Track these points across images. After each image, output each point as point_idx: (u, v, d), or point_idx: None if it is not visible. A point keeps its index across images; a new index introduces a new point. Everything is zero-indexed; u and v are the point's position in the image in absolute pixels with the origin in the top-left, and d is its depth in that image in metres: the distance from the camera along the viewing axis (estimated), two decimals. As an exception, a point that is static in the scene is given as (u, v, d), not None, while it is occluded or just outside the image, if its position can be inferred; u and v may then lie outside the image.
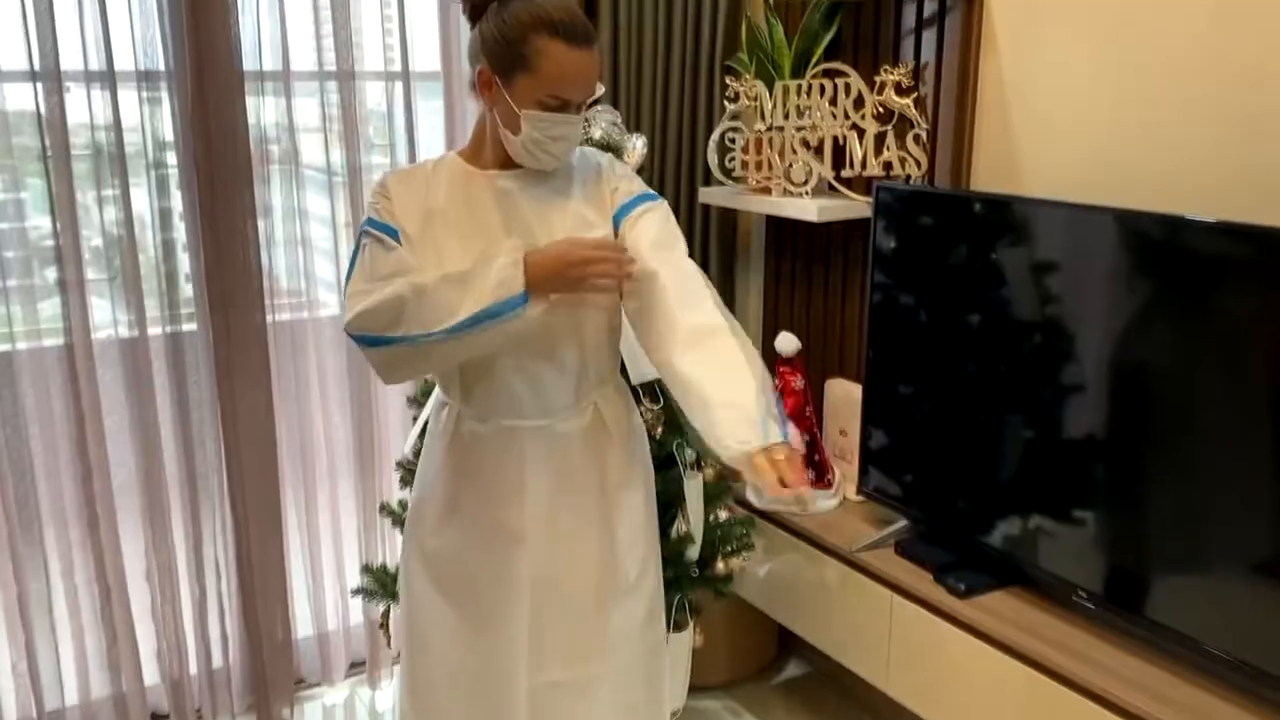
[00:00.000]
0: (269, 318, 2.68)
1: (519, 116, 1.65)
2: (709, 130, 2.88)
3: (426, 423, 2.25)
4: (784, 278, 2.95)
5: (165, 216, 2.54)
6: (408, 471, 2.51)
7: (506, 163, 1.75)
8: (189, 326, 2.62)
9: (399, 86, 2.75)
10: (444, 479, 1.88)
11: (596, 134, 2.32)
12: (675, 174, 2.88)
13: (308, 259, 2.73)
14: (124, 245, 2.49)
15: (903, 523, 2.50)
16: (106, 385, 2.56)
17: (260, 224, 2.61)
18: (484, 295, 1.59)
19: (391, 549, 2.90)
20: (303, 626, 2.92)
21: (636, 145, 2.37)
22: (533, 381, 1.77)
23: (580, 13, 1.67)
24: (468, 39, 1.73)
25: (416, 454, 2.49)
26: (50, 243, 2.41)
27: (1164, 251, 1.88)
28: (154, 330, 2.58)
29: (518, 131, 1.67)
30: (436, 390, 1.95)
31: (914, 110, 2.47)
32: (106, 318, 2.54)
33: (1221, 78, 1.93)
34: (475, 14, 1.68)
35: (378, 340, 1.65)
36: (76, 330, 2.46)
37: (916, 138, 2.47)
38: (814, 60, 2.62)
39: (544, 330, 1.71)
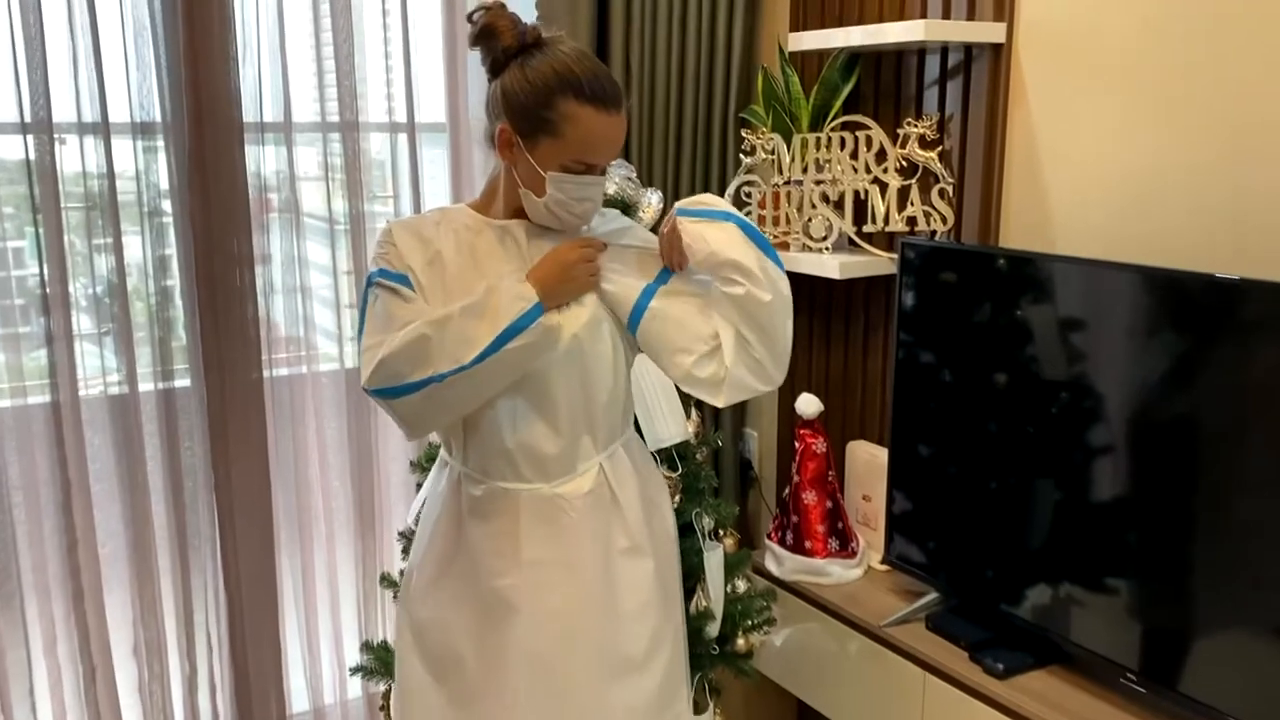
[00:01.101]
0: (266, 373, 2.58)
1: (543, 178, 1.58)
2: (723, 184, 2.79)
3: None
4: (801, 336, 2.85)
5: (160, 266, 2.45)
6: (410, 541, 2.39)
7: (519, 213, 1.68)
8: (182, 382, 2.52)
9: (403, 138, 2.68)
10: (438, 544, 1.76)
11: (611, 189, 2.22)
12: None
13: (308, 307, 2.64)
14: (116, 296, 2.39)
15: (933, 595, 2.37)
16: (95, 448, 2.45)
17: (258, 272, 2.53)
18: (501, 316, 1.54)
19: (392, 622, 2.76)
20: (298, 700, 2.78)
21: (652, 200, 2.28)
22: (528, 440, 1.66)
23: (606, 70, 1.60)
24: (478, 90, 1.66)
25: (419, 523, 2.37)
26: (39, 292, 2.31)
27: (1199, 309, 1.79)
28: (145, 386, 2.47)
29: (541, 193, 1.60)
30: (441, 452, 1.83)
31: (939, 164, 2.38)
32: (96, 371, 2.43)
33: (1267, 132, 1.84)
34: (496, 68, 1.61)
35: (402, 389, 1.56)
36: (64, 386, 2.35)
37: (942, 192, 2.38)
38: (833, 113, 2.54)
39: (541, 384, 1.63)
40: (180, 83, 2.37)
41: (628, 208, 2.22)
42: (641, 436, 1.94)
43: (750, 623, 2.35)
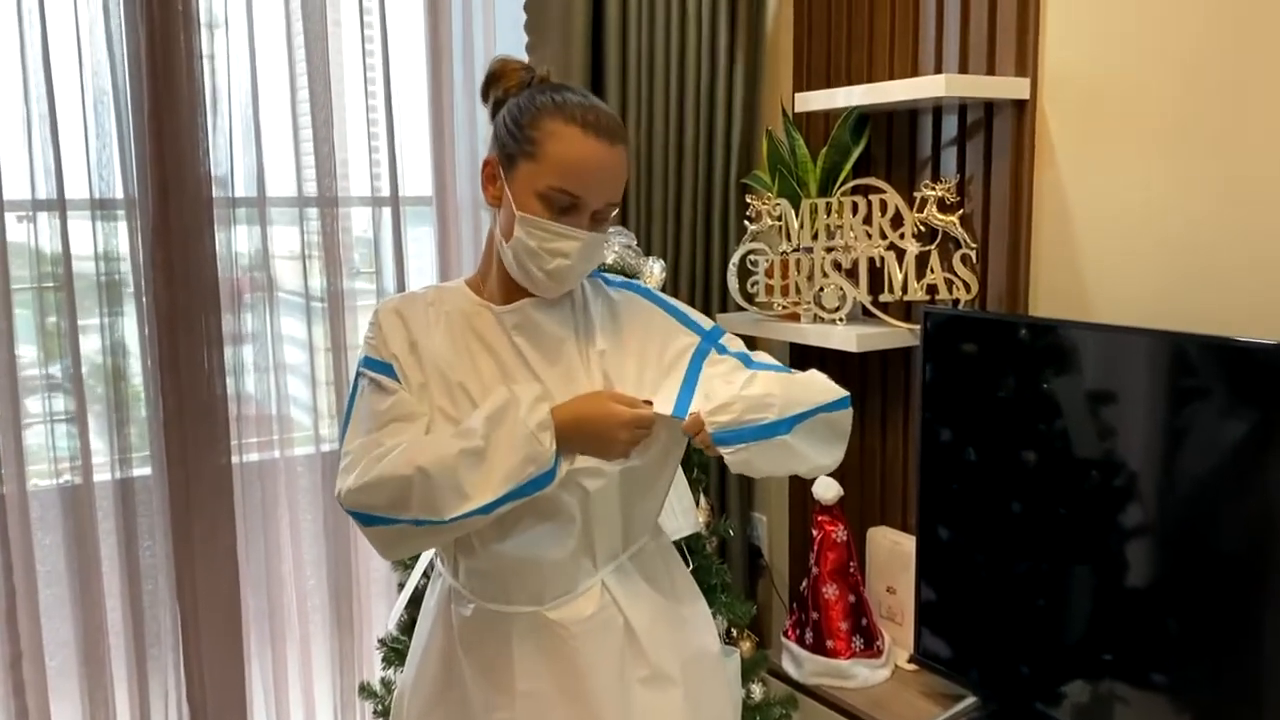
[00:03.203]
0: (235, 459, 2.38)
1: (515, 217, 1.38)
2: (725, 252, 2.63)
3: (415, 591, 1.93)
4: (813, 413, 2.66)
5: (119, 346, 2.26)
6: (390, 649, 2.16)
7: (514, 293, 1.46)
8: (141, 471, 2.31)
9: (386, 211, 2.51)
10: (431, 666, 1.54)
11: (610, 258, 2.06)
12: (690, 299, 2.61)
13: (281, 385, 2.45)
14: (71, 378, 2.20)
15: (970, 699, 2.15)
16: (45, 548, 2.23)
17: (228, 352, 2.35)
18: (507, 475, 1.31)
19: (372, 734, 2.52)
20: (269, 825, 2.52)
21: (654, 270, 2.11)
22: (517, 556, 1.43)
23: (612, 112, 1.41)
24: (466, 162, 1.49)
25: (401, 628, 2.15)
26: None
27: (1252, 380, 1.63)
28: (101, 476, 2.26)
29: (510, 236, 1.39)
30: (431, 555, 1.62)
31: (960, 228, 2.22)
32: (44, 462, 2.23)
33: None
34: (497, 108, 1.44)
35: (375, 520, 1.36)
36: (10, 478, 2.15)
37: (965, 258, 2.21)
38: (843, 176, 2.39)
39: (535, 502, 1.39)
40: (145, 155, 2.21)
41: (631, 277, 2.04)
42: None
43: (770, 734, 2.13)
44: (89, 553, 2.24)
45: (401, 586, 2.15)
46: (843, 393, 1.44)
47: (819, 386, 1.42)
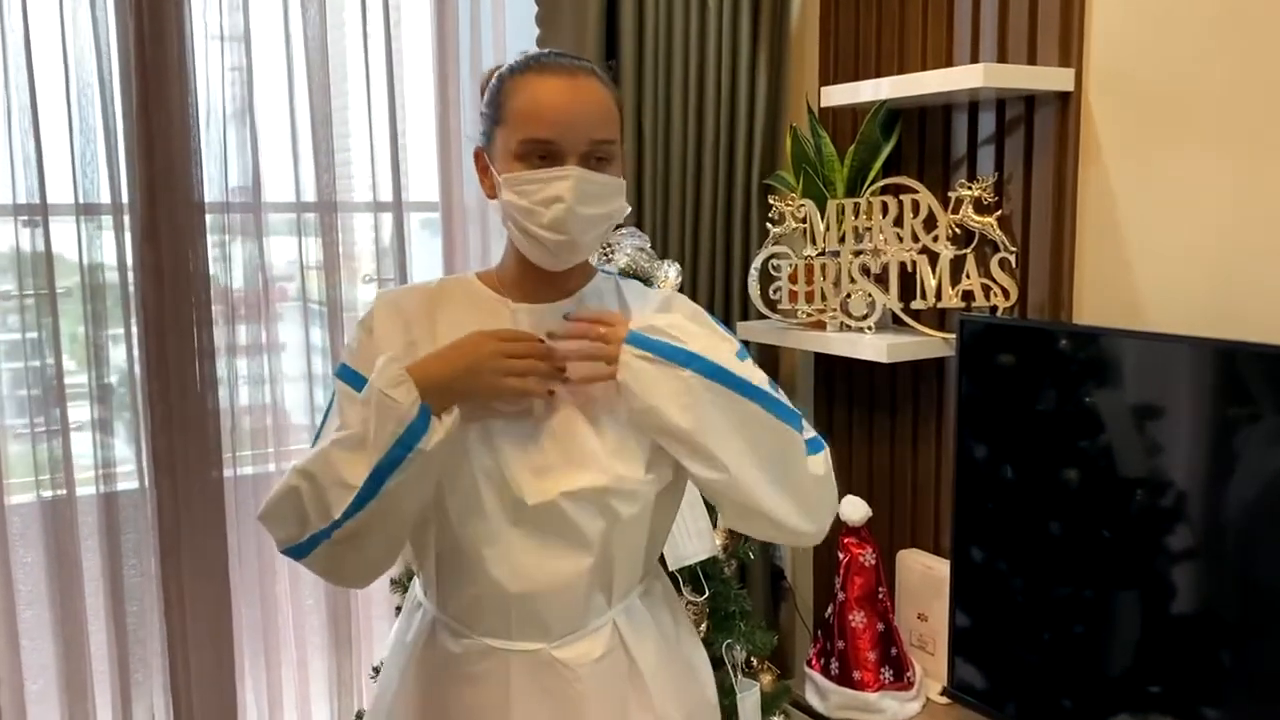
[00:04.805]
0: (228, 472, 2.26)
1: (500, 185, 1.25)
2: (745, 255, 2.50)
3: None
4: (839, 428, 2.51)
5: (101, 356, 2.15)
6: (388, 676, 2.03)
7: (530, 288, 1.33)
8: (127, 485, 2.19)
9: (388, 217, 2.39)
10: (403, 710, 1.38)
11: (622, 261, 1.93)
12: (708, 306, 2.45)
13: (276, 396, 2.33)
14: (52, 387, 2.09)
15: (1009, 737, 2.00)
16: (25, 566, 2.11)
17: (220, 362, 2.24)
18: (373, 445, 1.17)
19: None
20: None
21: (669, 274, 1.98)
22: (525, 586, 1.28)
23: (576, 54, 1.32)
24: (470, 165, 1.36)
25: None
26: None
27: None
28: (85, 491, 2.15)
29: (501, 208, 1.27)
30: (415, 582, 1.47)
31: (998, 230, 2.07)
32: (25, 474, 2.12)
33: None
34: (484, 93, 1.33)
35: (295, 551, 1.24)
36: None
37: (1003, 262, 2.06)
38: (872, 175, 2.24)
39: (546, 518, 1.26)
40: (134, 158, 2.09)
41: (644, 281, 1.91)
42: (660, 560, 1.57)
43: (792, 773, 1.98)
44: (71, 571, 2.13)
45: (400, 610, 2.02)
46: (807, 433, 1.30)
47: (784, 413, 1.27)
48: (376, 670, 2.08)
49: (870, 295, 2.19)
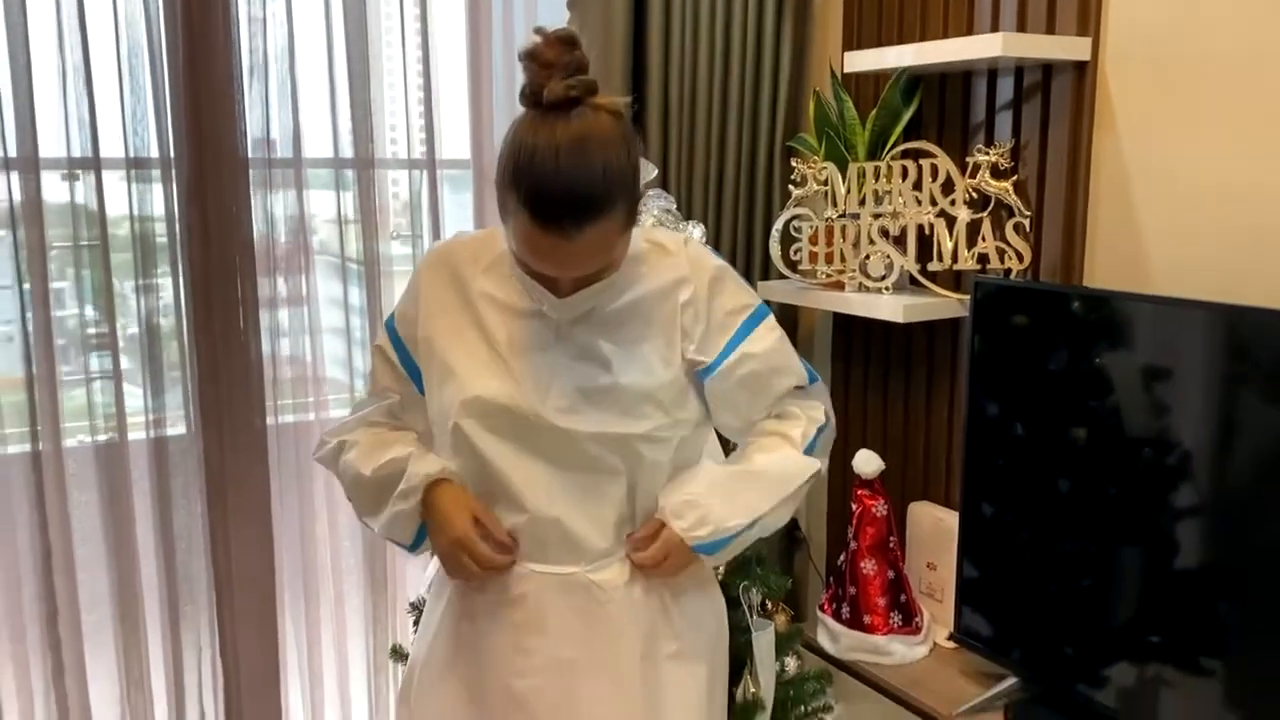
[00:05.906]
0: (270, 420, 2.37)
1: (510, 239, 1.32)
2: (767, 217, 2.56)
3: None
4: (855, 386, 2.60)
5: (154, 306, 2.25)
6: (422, 612, 2.14)
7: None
8: (176, 430, 2.30)
9: (423, 174, 2.47)
10: (441, 634, 1.51)
11: (648, 222, 2.00)
12: (731, 265, 2.53)
13: (317, 348, 2.42)
14: (105, 337, 2.19)
15: (1011, 680, 2.09)
16: (80, 506, 2.23)
17: (263, 314, 2.33)
18: (382, 526, 1.50)
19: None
20: (302, 785, 2.53)
21: (694, 234, 2.05)
22: (562, 511, 1.40)
23: (582, 177, 1.20)
24: (505, 122, 1.43)
25: (434, 593, 2.13)
26: (20, 333, 2.11)
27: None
28: (136, 435, 2.26)
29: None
30: None
31: (1014, 195, 2.14)
32: (80, 419, 2.23)
33: None
34: (520, 101, 1.32)
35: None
36: (46, 435, 2.14)
37: (1018, 226, 2.13)
38: (892, 140, 2.31)
39: (582, 459, 1.38)
40: (181, 114, 2.18)
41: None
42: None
43: (803, 709, 2.09)
44: (123, 511, 2.24)
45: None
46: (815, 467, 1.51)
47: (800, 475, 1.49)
48: (412, 605, 2.20)
49: (888, 257, 2.26)
